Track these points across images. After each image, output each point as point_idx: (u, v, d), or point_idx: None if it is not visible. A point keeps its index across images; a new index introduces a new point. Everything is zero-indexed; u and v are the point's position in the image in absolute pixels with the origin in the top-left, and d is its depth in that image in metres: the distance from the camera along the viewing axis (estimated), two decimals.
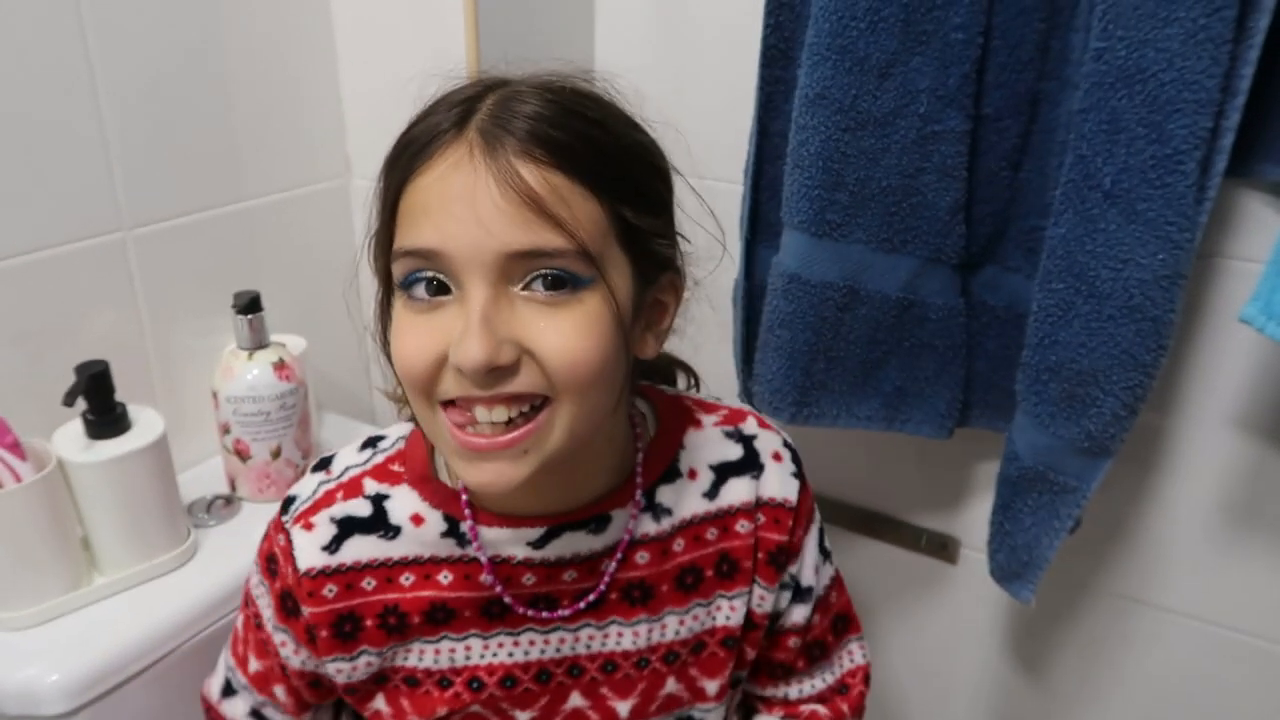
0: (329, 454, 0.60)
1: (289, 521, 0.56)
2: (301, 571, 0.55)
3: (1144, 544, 0.86)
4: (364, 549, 0.55)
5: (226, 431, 0.84)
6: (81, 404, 0.71)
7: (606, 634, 0.58)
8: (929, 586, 0.99)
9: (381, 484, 0.56)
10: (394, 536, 0.55)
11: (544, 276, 0.44)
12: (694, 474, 0.59)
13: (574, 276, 0.45)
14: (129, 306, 0.82)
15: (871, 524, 0.99)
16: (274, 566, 0.57)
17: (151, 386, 0.85)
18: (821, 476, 0.63)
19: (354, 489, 0.56)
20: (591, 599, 0.56)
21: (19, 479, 0.67)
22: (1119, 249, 0.65)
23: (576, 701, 0.59)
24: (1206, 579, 0.84)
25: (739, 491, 0.59)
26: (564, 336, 0.45)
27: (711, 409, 0.62)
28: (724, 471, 0.59)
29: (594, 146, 0.46)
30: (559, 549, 0.55)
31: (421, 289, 0.45)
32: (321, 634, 0.55)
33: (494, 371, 0.44)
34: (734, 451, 0.60)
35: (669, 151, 0.52)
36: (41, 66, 0.72)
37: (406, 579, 0.55)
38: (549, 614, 0.56)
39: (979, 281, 0.80)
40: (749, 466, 0.60)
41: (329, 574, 0.54)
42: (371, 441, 0.59)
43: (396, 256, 0.46)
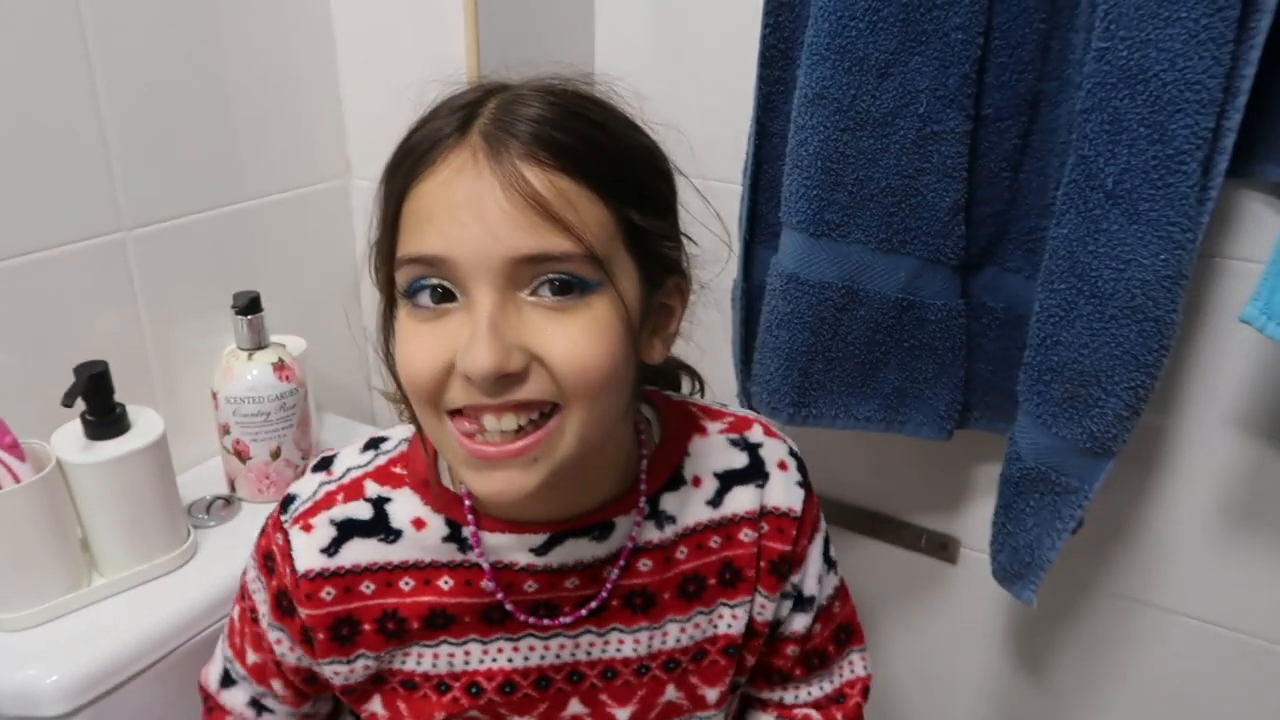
0: (330, 453, 0.59)
1: (288, 521, 0.55)
2: (299, 573, 0.54)
3: (1145, 544, 0.86)
4: (364, 552, 0.54)
5: (226, 432, 0.84)
6: (81, 404, 0.71)
7: (607, 641, 0.57)
8: (929, 586, 0.99)
9: (383, 486, 0.56)
10: (394, 540, 0.54)
11: (551, 281, 0.44)
12: (698, 481, 0.58)
13: (582, 281, 0.44)
14: (128, 307, 0.82)
15: (872, 524, 0.99)
16: (271, 564, 0.56)
17: (151, 387, 0.85)
18: (822, 477, 0.63)
19: (355, 491, 0.56)
20: (593, 606, 0.56)
21: (18, 480, 0.67)
22: (1121, 249, 0.64)
23: (575, 708, 0.58)
24: (1207, 579, 0.84)
25: (743, 500, 0.59)
26: (573, 342, 0.44)
27: (717, 416, 0.61)
28: (728, 480, 0.59)
29: (598, 149, 0.45)
30: (562, 556, 0.54)
31: (426, 296, 0.45)
32: (319, 636, 0.55)
33: (503, 379, 0.43)
34: (739, 460, 0.59)
35: (670, 153, 0.52)
36: (42, 67, 0.72)
37: (406, 584, 0.55)
38: (550, 621, 0.56)
39: (979, 282, 0.79)
40: (754, 475, 0.59)
41: (327, 577, 0.54)
42: (374, 443, 0.59)
43: (400, 264, 0.45)
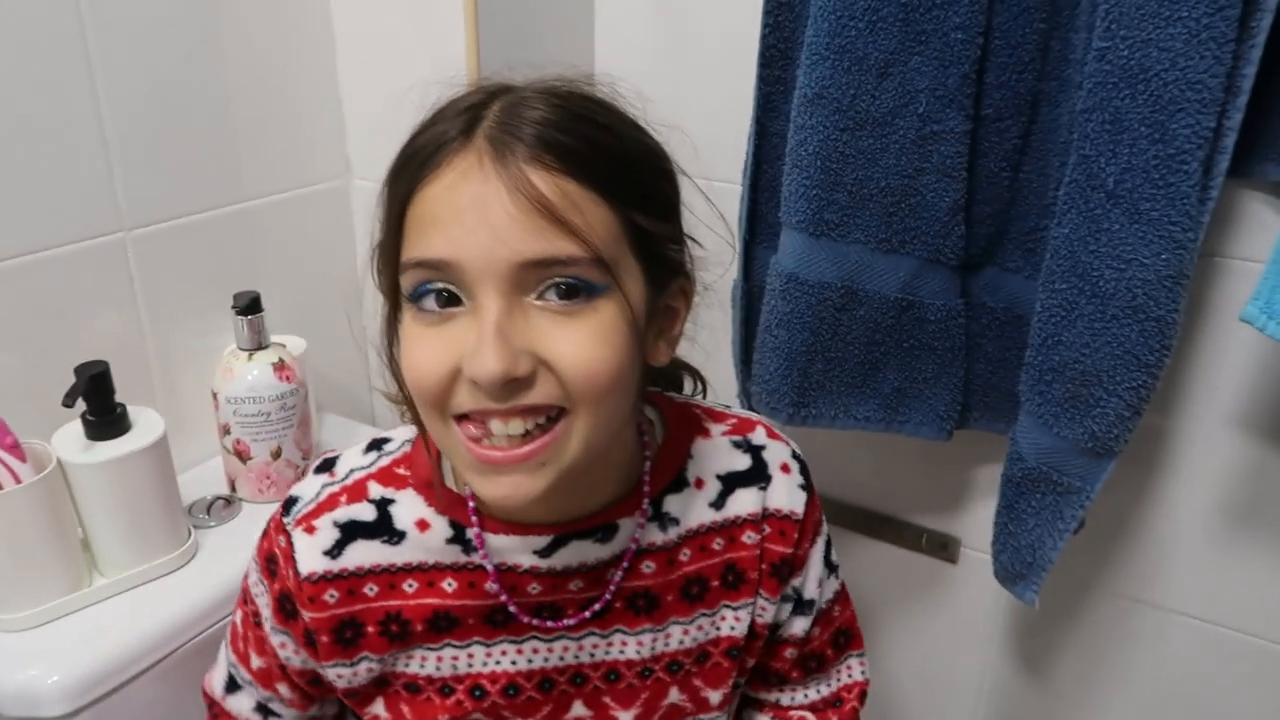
0: (332, 454, 0.59)
1: (290, 523, 0.55)
2: (302, 576, 0.54)
3: (1145, 544, 0.86)
4: (367, 554, 0.54)
5: (226, 432, 0.84)
6: (81, 405, 0.71)
7: (610, 643, 0.57)
8: (929, 586, 0.99)
9: (386, 488, 0.55)
10: (398, 542, 0.54)
11: (558, 285, 0.44)
12: (701, 484, 0.58)
13: (588, 284, 0.44)
14: (129, 307, 0.82)
15: (872, 524, 0.99)
16: (274, 567, 0.56)
17: (151, 387, 0.85)
18: (822, 477, 0.63)
19: (358, 492, 0.55)
20: (597, 608, 0.56)
21: (19, 480, 0.67)
22: (1122, 249, 0.64)
23: (579, 711, 0.58)
24: (1208, 579, 0.84)
25: (746, 502, 0.58)
26: (580, 346, 0.44)
27: (720, 418, 0.61)
28: (731, 482, 0.59)
29: (603, 152, 0.45)
30: (566, 558, 0.54)
31: (431, 300, 0.45)
32: (322, 639, 0.54)
33: (510, 383, 0.43)
34: (742, 462, 0.59)
35: (673, 154, 0.51)
36: (42, 67, 0.72)
37: (410, 585, 0.54)
38: (553, 623, 0.55)
39: (978, 283, 0.79)
40: (757, 477, 0.59)
41: (330, 579, 0.54)
42: (377, 444, 0.58)
43: (405, 268, 0.45)
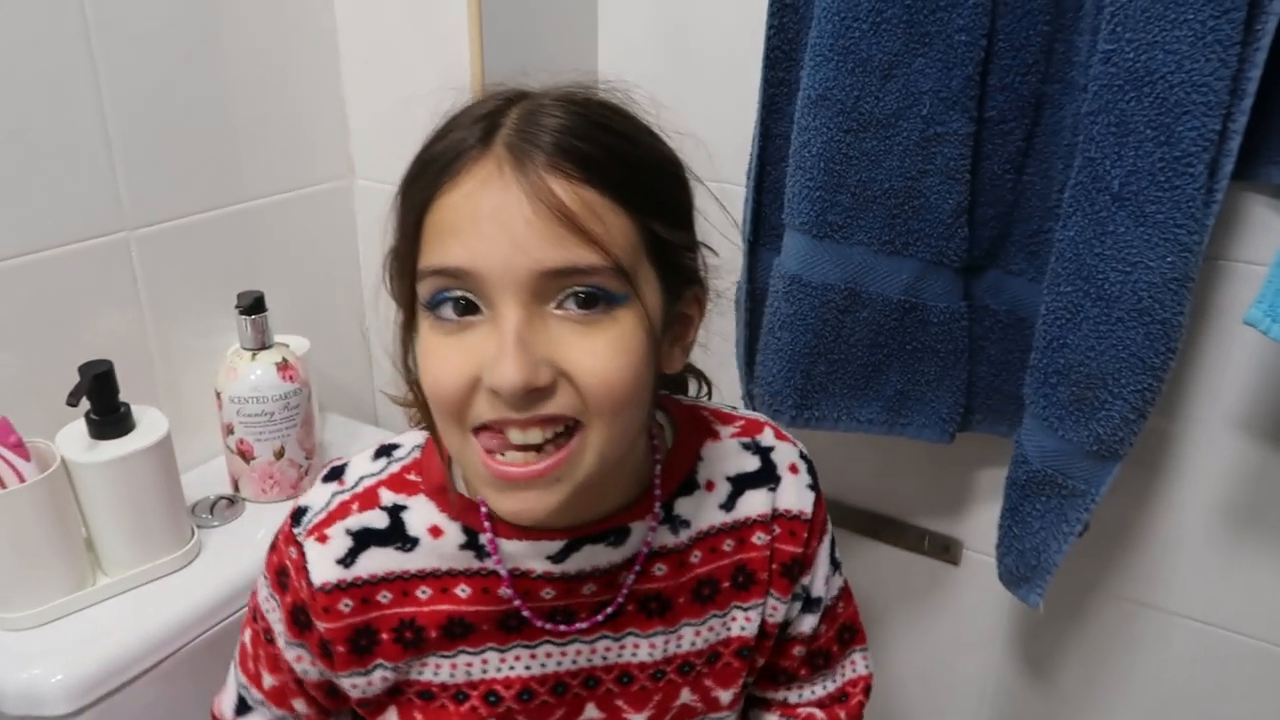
0: (340, 463, 0.58)
1: (301, 534, 0.54)
2: (316, 586, 0.53)
3: (1149, 547, 0.86)
4: (380, 562, 0.54)
5: (230, 432, 0.84)
6: (85, 404, 0.71)
7: (623, 645, 0.57)
8: (931, 588, 0.99)
9: (398, 494, 0.55)
10: (411, 548, 0.54)
11: (577, 295, 0.44)
12: (711, 486, 0.58)
13: (607, 294, 0.44)
14: (132, 307, 0.82)
15: (874, 526, 0.99)
16: (285, 580, 0.55)
17: (155, 387, 0.85)
18: (824, 479, 0.63)
19: (370, 500, 0.55)
20: (609, 611, 0.56)
21: (22, 479, 0.67)
22: (1128, 252, 0.64)
23: (592, 713, 0.58)
24: (1211, 582, 0.84)
25: (756, 503, 0.59)
26: (598, 358, 0.44)
27: (728, 419, 0.61)
28: (741, 483, 0.59)
29: (622, 160, 0.45)
30: (579, 562, 0.54)
31: (449, 309, 0.44)
32: (338, 649, 0.54)
33: (531, 393, 0.43)
34: (751, 463, 0.59)
35: (686, 160, 0.51)
36: (45, 67, 0.72)
37: (423, 592, 0.54)
38: (567, 627, 0.55)
39: (981, 285, 0.79)
40: (766, 479, 0.59)
41: (344, 588, 0.53)
42: (386, 450, 0.58)
43: (423, 276, 0.45)
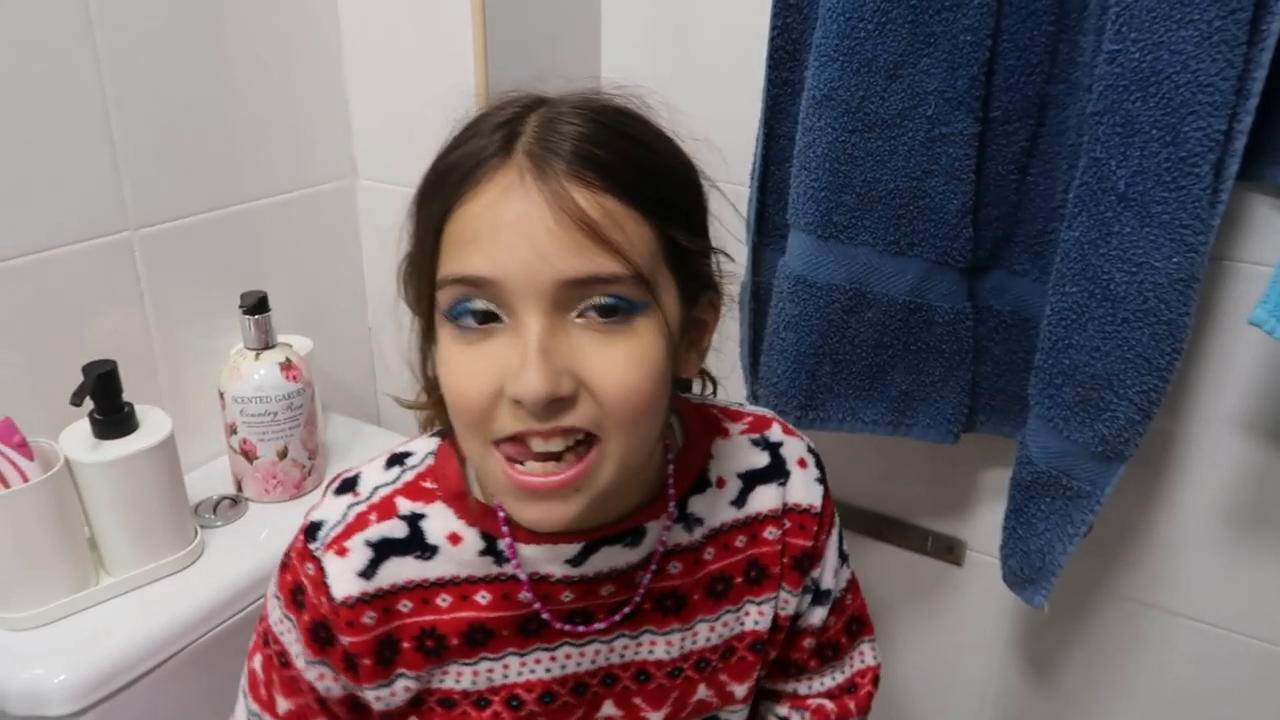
0: (350, 474, 0.57)
1: (319, 549, 0.53)
2: (338, 601, 0.52)
3: (1153, 547, 0.85)
4: (400, 571, 0.53)
5: (233, 432, 0.84)
6: (89, 404, 0.71)
7: (640, 643, 0.57)
8: (935, 589, 0.99)
9: (415, 502, 0.54)
10: (431, 556, 0.53)
11: (598, 304, 0.44)
12: (722, 483, 0.58)
13: (628, 303, 0.44)
14: (136, 306, 0.82)
15: (878, 527, 0.99)
16: (300, 598, 0.54)
17: (158, 386, 0.85)
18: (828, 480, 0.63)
19: (387, 509, 0.54)
20: (627, 611, 0.56)
21: (26, 479, 0.67)
22: (1133, 252, 0.64)
23: (609, 710, 0.59)
24: (1215, 583, 0.84)
25: (767, 499, 0.59)
26: (617, 370, 0.44)
27: (736, 416, 0.62)
28: (751, 479, 0.59)
29: (641, 167, 0.45)
30: (596, 564, 0.54)
31: (470, 318, 0.45)
32: (364, 662, 0.53)
33: (553, 403, 0.43)
34: (761, 459, 0.60)
35: (700, 163, 0.51)
36: (50, 67, 0.72)
37: (443, 600, 0.54)
38: (585, 627, 0.55)
39: (985, 285, 0.79)
40: (776, 474, 0.60)
41: (367, 600, 0.53)
42: (398, 458, 0.57)
43: (443, 284, 0.45)
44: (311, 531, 0.54)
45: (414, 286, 0.49)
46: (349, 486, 0.56)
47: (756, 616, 0.60)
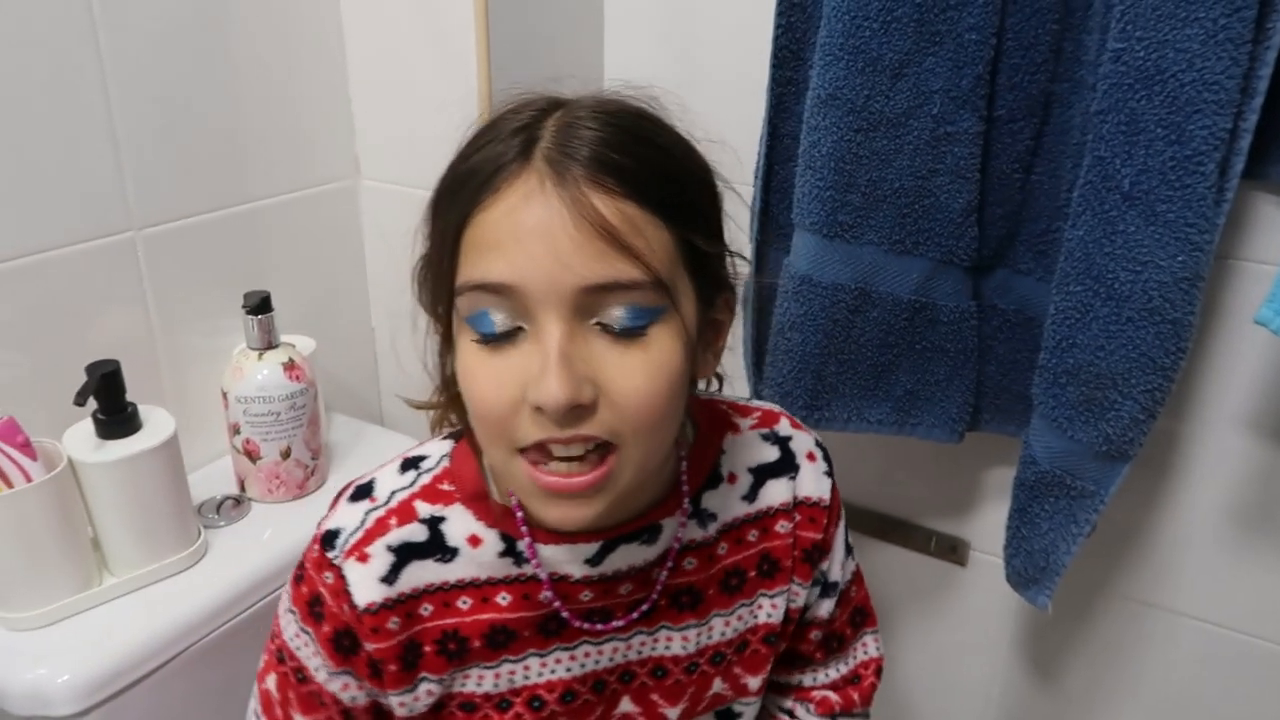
0: (364, 480, 0.56)
1: (338, 557, 0.53)
2: (361, 608, 0.52)
3: (1157, 547, 0.85)
4: (421, 574, 0.53)
5: (236, 432, 0.84)
6: (92, 404, 0.71)
7: (656, 639, 0.58)
8: (939, 589, 0.99)
9: (434, 505, 0.54)
10: (451, 559, 0.53)
11: (616, 328, 0.44)
12: (734, 478, 0.59)
13: (648, 309, 0.44)
14: (139, 306, 0.82)
15: (882, 527, 0.99)
16: (319, 609, 0.53)
17: (161, 386, 0.85)
18: None
19: (407, 513, 0.54)
20: (645, 608, 0.56)
21: (29, 479, 0.67)
22: (1138, 251, 0.64)
23: (626, 707, 0.59)
24: (1219, 583, 0.84)
25: (777, 493, 0.59)
26: (636, 378, 0.44)
27: (745, 411, 0.62)
28: (762, 474, 0.60)
29: (660, 172, 0.45)
30: (615, 563, 0.54)
31: (491, 324, 0.45)
32: (390, 668, 0.53)
33: (574, 410, 0.43)
34: (771, 454, 0.60)
35: (716, 165, 0.51)
36: (53, 67, 0.72)
37: (464, 602, 0.54)
38: (603, 625, 0.56)
39: (989, 285, 0.79)
40: (786, 468, 0.60)
41: (390, 606, 0.52)
42: (413, 462, 0.57)
43: (463, 290, 0.45)
44: (329, 540, 0.53)
45: (430, 289, 0.49)
46: (365, 493, 0.55)
47: (769, 609, 0.60)
